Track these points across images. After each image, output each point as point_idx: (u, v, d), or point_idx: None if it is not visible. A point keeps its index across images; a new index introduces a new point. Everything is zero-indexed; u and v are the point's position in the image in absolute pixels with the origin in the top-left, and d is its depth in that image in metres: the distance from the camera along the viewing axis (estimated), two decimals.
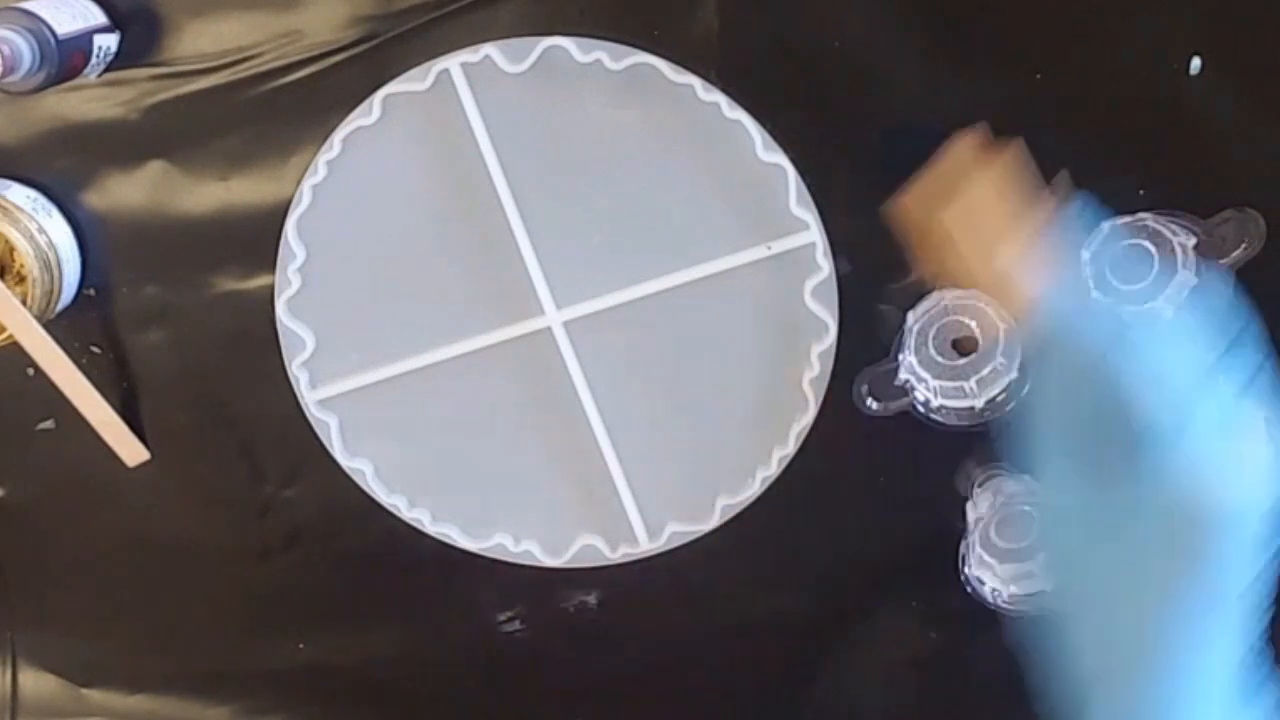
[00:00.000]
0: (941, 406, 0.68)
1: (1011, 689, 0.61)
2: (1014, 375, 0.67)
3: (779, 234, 0.71)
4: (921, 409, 0.69)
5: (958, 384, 0.67)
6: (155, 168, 0.74)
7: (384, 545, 0.76)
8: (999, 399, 0.67)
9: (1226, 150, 0.68)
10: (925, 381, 0.68)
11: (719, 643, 0.76)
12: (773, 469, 0.71)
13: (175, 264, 0.75)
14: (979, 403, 0.67)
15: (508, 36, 0.70)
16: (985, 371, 0.67)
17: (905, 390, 0.69)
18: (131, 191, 0.74)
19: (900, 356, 0.68)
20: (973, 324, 0.67)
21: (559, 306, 0.72)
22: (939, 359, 0.68)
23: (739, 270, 0.71)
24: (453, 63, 0.71)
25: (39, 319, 0.73)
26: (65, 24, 0.69)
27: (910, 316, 0.68)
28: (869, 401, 0.69)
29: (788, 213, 0.70)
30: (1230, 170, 0.68)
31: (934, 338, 0.68)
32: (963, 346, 0.67)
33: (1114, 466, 0.56)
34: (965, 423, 0.68)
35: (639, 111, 0.71)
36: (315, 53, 0.72)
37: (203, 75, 0.73)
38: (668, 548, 0.75)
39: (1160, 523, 0.54)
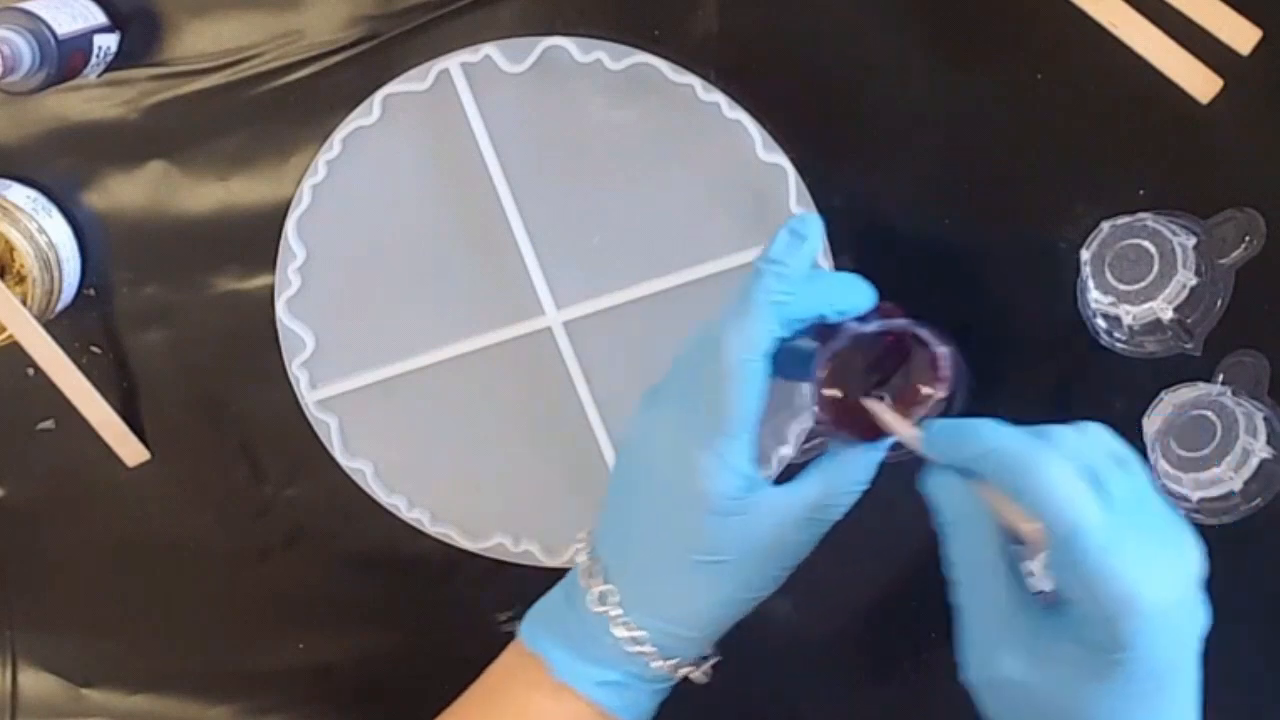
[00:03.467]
0: None
1: None
2: None
3: None
4: None
5: None
6: (155, 168, 0.74)
7: (384, 545, 0.76)
8: None
9: (1226, 150, 0.68)
10: None
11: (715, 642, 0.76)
12: (773, 468, 0.71)
13: (175, 264, 0.75)
14: None
15: (508, 36, 0.70)
16: None
17: None
18: (131, 191, 0.75)
19: None
20: None
21: (559, 306, 0.72)
22: None
23: (739, 270, 0.71)
24: (453, 63, 0.71)
25: (39, 319, 0.73)
26: (65, 24, 0.69)
27: None
28: None
29: (788, 213, 0.70)
30: (1230, 170, 0.68)
31: None
32: None
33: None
34: None
35: (639, 111, 0.71)
36: (315, 53, 0.72)
37: (203, 75, 0.73)
38: None
39: (1086, 628, 0.53)
